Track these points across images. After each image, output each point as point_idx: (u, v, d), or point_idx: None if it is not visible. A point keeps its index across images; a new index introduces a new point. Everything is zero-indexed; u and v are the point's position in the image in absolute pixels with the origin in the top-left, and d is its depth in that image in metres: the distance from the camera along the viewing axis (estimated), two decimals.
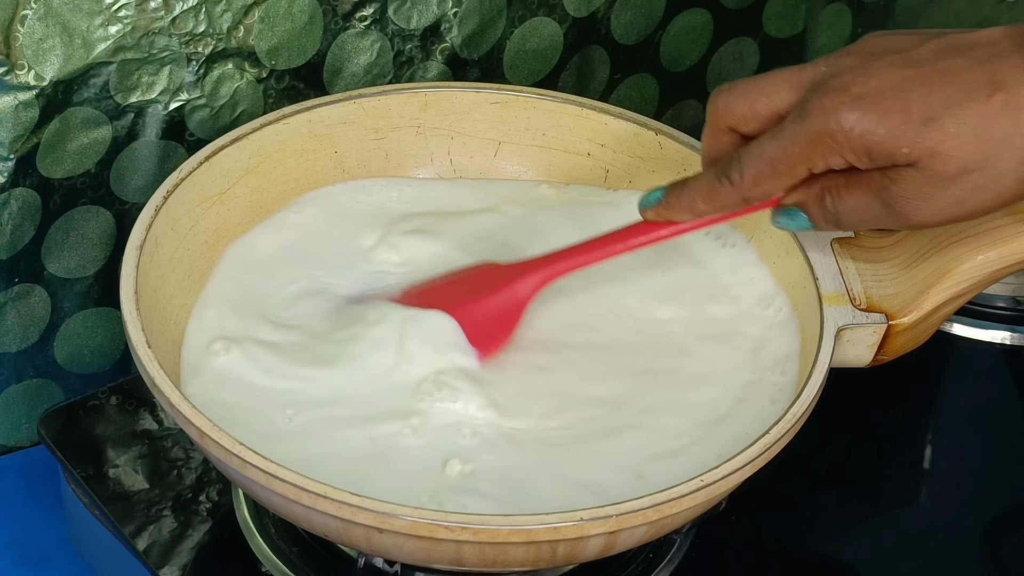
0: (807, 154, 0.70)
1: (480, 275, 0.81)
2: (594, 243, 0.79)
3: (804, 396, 0.74)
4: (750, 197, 0.73)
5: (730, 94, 0.74)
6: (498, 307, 0.80)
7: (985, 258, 0.78)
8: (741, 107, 0.74)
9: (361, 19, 0.91)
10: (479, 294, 0.80)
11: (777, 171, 0.71)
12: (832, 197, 0.72)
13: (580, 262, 0.79)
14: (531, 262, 0.80)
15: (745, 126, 0.74)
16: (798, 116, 0.70)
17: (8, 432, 0.92)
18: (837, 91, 0.69)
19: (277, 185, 0.86)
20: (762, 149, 0.72)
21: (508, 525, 0.68)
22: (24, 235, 0.87)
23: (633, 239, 0.78)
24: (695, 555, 0.81)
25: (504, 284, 0.80)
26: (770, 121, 0.73)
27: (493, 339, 0.80)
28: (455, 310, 0.79)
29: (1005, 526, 0.87)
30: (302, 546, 0.80)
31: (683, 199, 0.75)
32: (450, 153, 0.89)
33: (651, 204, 0.77)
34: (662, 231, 0.77)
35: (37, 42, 0.82)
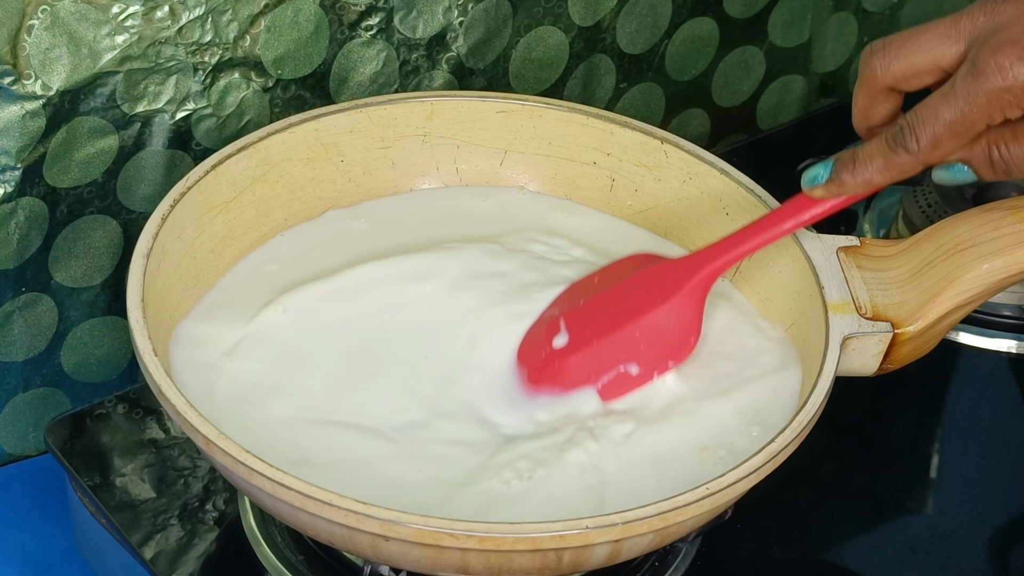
0: (986, 111, 0.70)
1: (648, 277, 0.79)
2: (761, 225, 0.78)
3: (810, 405, 0.74)
4: (929, 161, 0.72)
5: (886, 53, 0.73)
6: (678, 310, 0.78)
7: (991, 267, 0.78)
8: (900, 65, 0.72)
9: (367, 28, 0.92)
10: (655, 299, 0.78)
11: (956, 132, 0.71)
12: (1000, 148, 0.72)
13: (750, 247, 0.78)
14: (699, 255, 0.78)
15: (907, 84, 0.73)
16: (970, 75, 0.70)
17: (15, 441, 0.93)
18: (1010, 45, 0.68)
19: (283, 194, 0.86)
20: (936, 112, 0.71)
21: (514, 533, 0.68)
22: (31, 244, 0.87)
23: (802, 215, 0.77)
24: (701, 563, 0.81)
25: (679, 284, 0.78)
26: (933, 76, 0.72)
27: (683, 343, 0.78)
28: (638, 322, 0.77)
29: (1011, 535, 0.87)
30: (308, 554, 0.80)
31: (857, 173, 0.74)
32: (456, 162, 0.89)
33: (819, 181, 0.75)
34: (828, 204, 0.76)
35: (44, 52, 0.82)
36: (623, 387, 0.78)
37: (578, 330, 0.78)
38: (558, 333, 0.78)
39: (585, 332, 0.78)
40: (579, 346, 0.78)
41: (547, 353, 0.78)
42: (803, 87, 1.12)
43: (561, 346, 0.78)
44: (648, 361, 0.78)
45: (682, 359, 0.78)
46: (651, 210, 0.88)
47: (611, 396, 0.77)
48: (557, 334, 0.78)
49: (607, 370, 0.78)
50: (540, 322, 0.79)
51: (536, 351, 0.78)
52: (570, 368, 0.78)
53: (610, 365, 0.78)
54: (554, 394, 0.77)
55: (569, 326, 0.78)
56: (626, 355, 0.78)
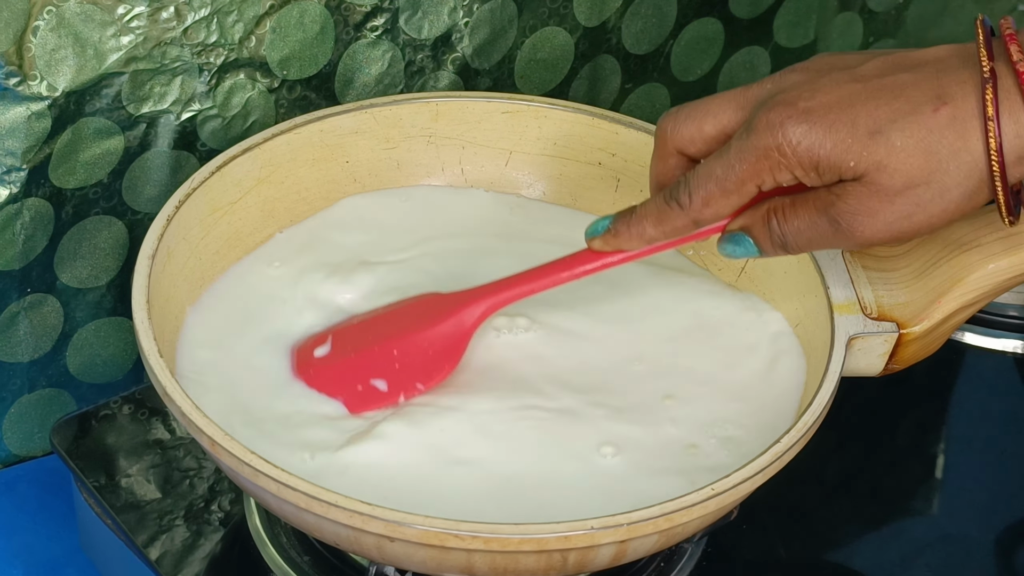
0: (755, 170, 0.70)
1: (423, 305, 0.80)
2: (540, 271, 0.78)
3: (815, 405, 0.74)
4: (700, 220, 0.73)
5: (676, 117, 0.74)
6: (443, 338, 0.78)
7: (996, 267, 0.78)
8: (688, 129, 0.73)
9: (372, 29, 0.92)
10: (422, 325, 0.79)
11: (726, 190, 0.71)
12: (778, 219, 0.72)
13: (526, 290, 0.78)
14: (475, 291, 0.79)
15: (693, 148, 0.74)
16: (745, 133, 0.70)
17: (21, 442, 0.93)
18: (783, 105, 0.69)
19: (289, 195, 0.86)
20: (710, 169, 0.71)
21: (519, 534, 0.68)
22: (37, 245, 0.87)
23: (580, 266, 0.77)
24: (706, 564, 0.81)
25: (448, 314, 0.79)
26: (717, 142, 0.73)
27: (438, 370, 0.78)
28: (397, 341, 0.78)
29: (1017, 535, 0.87)
30: (314, 555, 0.80)
31: (632, 226, 0.74)
32: (461, 163, 0.89)
33: (598, 233, 0.76)
34: (610, 258, 0.76)
35: (50, 53, 0.82)
36: (371, 403, 0.78)
37: (341, 344, 0.79)
38: (323, 344, 0.80)
39: (347, 347, 0.79)
40: (336, 358, 0.79)
41: (309, 359, 0.79)
42: None
43: (321, 356, 0.79)
44: (399, 381, 0.78)
45: (431, 385, 0.78)
46: None
47: (358, 409, 0.78)
48: (322, 345, 0.80)
49: (357, 383, 0.78)
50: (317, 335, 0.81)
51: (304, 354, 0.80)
52: (324, 376, 0.79)
53: (361, 379, 0.78)
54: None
55: (335, 340, 0.80)
56: (378, 371, 0.78)
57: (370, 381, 0.78)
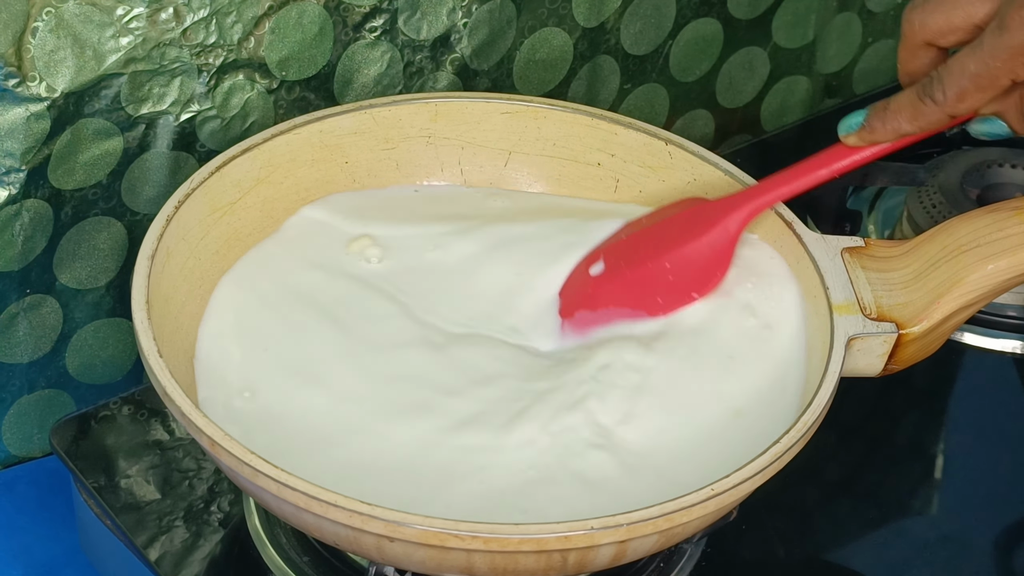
0: (1010, 66, 0.71)
1: (688, 215, 0.82)
2: (798, 169, 0.80)
3: (815, 405, 0.74)
4: (955, 114, 0.74)
5: (924, 9, 0.75)
6: (711, 245, 0.81)
7: (995, 267, 0.78)
8: (937, 21, 0.75)
9: (371, 30, 0.92)
10: (689, 236, 0.81)
11: (980, 86, 0.73)
12: None
13: (786, 191, 0.81)
14: (737, 196, 0.82)
15: (943, 40, 0.75)
16: (997, 29, 0.71)
17: (20, 442, 0.93)
18: None
19: (288, 195, 0.86)
20: (963, 65, 0.73)
21: (519, 534, 0.68)
22: (36, 246, 0.87)
23: (837, 162, 0.79)
24: (706, 564, 0.81)
25: (713, 222, 0.81)
26: (968, 33, 0.74)
27: (709, 277, 0.81)
28: (668, 254, 0.81)
29: (1017, 536, 0.87)
30: (313, 555, 0.80)
31: (887, 122, 0.76)
32: (460, 163, 0.89)
33: (853, 129, 0.78)
34: (864, 152, 0.79)
35: (49, 54, 0.82)
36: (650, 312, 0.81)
37: (614, 261, 0.82)
38: (596, 262, 0.82)
39: (620, 262, 0.82)
40: (612, 275, 0.82)
41: (582, 280, 0.82)
42: (807, 88, 1.12)
43: (597, 274, 0.82)
44: (674, 292, 0.81)
45: (706, 293, 0.81)
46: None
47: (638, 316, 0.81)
48: (595, 263, 0.82)
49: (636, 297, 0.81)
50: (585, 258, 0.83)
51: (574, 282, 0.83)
52: (600, 294, 0.81)
53: (637, 294, 0.81)
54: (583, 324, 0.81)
55: (607, 257, 0.82)
56: (655, 285, 0.81)
57: (647, 296, 0.81)
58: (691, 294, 0.81)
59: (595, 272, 0.82)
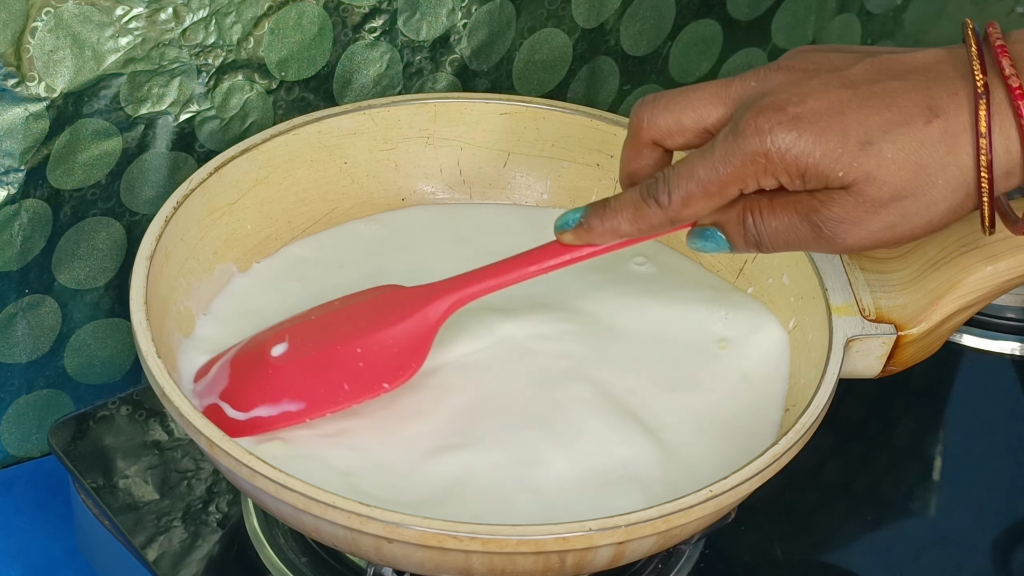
0: (740, 174, 0.69)
1: (385, 300, 0.78)
2: (508, 264, 0.76)
3: (813, 407, 0.74)
4: (677, 219, 0.71)
5: (655, 106, 0.72)
6: (408, 334, 0.76)
7: (994, 269, 0.78)
8: (667, 120, 0.72)
9: (371, 30, 0.92)
10: (386, 321, 0.77)
11: (708, 192, 0.69)
12: (755, 217, 0.70)
13: (493, 284, 0.76)
14: (440, 284, 0.77)
15: (670, 140, 0.72)
16: (731, 135, 0.69)
17: (18, 443, 0.93)
18: (773, 110, 0.68)
19: (287, 196, 0.86)
20: (692, 169, 0.70)
21: (517, 535, 0.68)
22: (34, 246, 0.87)
23: (549, 260, 0.75)
24: (704, 566, 0.81)
25: (413, 309, 0.77)
26: (697, 136, 0.71)
27: (403, 368, 0.76)
28: (361, 339, 0.76)
29: (1015, 537, 0.87)
30: (311, 556, 0.80)
31: (606, 221, 0.73)
32: (459, 164, 0.89)
33: (569, 226, 0.74)
34: (580, 252, 0.75)
35: (48, 54, 0.82)
36: (333, 403, 0.76)
37: (300, 341, 0.77)
38: (279, 342, 0.77)
39: (307, 344, 0.77)
40: (295, 356, 0.76)
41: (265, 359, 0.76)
42: None
43: (279, 354, 0.76)
44: (363, 380, 0.76)
45: (397, 384, 0.76)
46: None
47: (317, 412, 0.76)
48: (278, 343, 0.77)
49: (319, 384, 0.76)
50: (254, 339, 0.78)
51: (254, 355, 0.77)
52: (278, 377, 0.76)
53: (323, 380, 0.76)
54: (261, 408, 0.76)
55: (291, 337, 0.77)
56: (342, 371, 0.76)
57: (333, 381, 0.76)
58: (382, 384, 0.76)
59: (277, 352, 0.76)
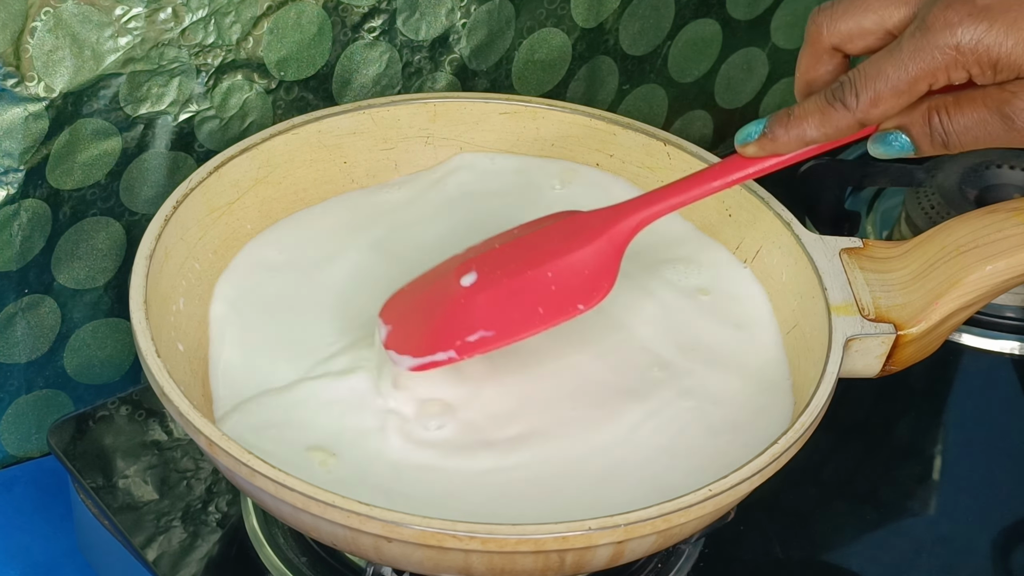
0: (930, 69, 0.68)
1: (569, 224, 0.77)
2: (691, 180, 0.76)
3: (812, 406, 0.74)
4: (867, 120, 0.70)
5: (833, 12, 0.72)
6: (596, 255, 0.75)
7: (994, 268, 0.78)
8: (848, 24, 0.71)
9: (370, 30, 0.92)
10: (574, 244, 0.76)
11: (898, 91, 0.69)
12: (941, 116, 0.70)
13: (677, 202, 0.76)
14: (625, 205, 0.77)
15: (851, 45, 0.72)
16: (919, 31, 0.68)
17: (18, 442, 0.93)
18: (961, 2, 0.67)
19: (286, 195, 0.86)
20: (879, 68, 0.69)
21: (516, 534, 0.68)
22: (34, 246, 0.87)
23: (733, 173, 0.75)
24: (704, 565, 0.81)
25: (599, 231, 0.76)
26: (879, 39, 0.71)
27: (596, 289, 0.75)
28: (552, 263, 0.75)
29: (1015, 537, 0.87)
30: (311, 555, 0.80)
31: (791, 128, 0.72)
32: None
33: (752, 138, 0.73)
34: (764, 163, 0.74)
35: (47, 54, 0.82)
36: (530, 327, 0.75)
37: (488, 270, 0.76)
38: (467, 272, 0.76)
39: (496, 272, 0.76)
40: (488, 284, 0.75)
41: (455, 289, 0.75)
42: None
43: (469, 284, 0.76)
44: (557, 303, 0.75)
45: (592, 305, 0.75)
46: None
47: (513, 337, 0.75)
48: (466, 273, 0.76)
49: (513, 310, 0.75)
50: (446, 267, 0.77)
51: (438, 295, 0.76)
52: (473, 305, 0.75)
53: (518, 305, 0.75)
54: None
55: (479, 267, 0.76)
56: (537, 295, 0.75)
57: (528, 306, 0.75)
58: (576, 305, 0.75)
59: (467, 283, 0.75)
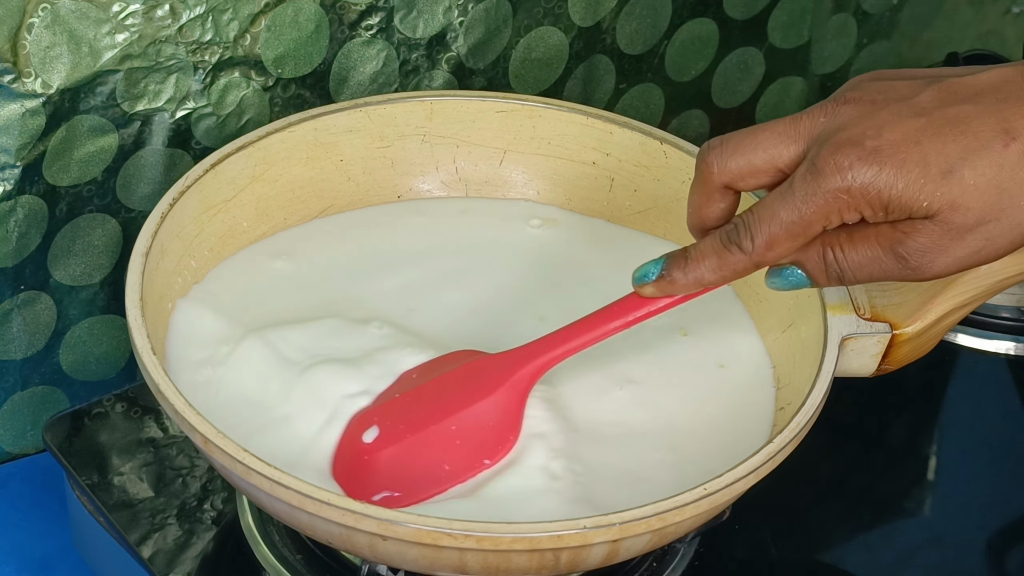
0: (823, 212, 0.68)
1: (468, 371, 0.76)
2: (589, 322, 0.75)
3: (808, 405, 0.74)
4: (762, 262, 0.71)
5: (723, 150, 0.71)
6: (498, 406, 0.75)
7: (989, 268, 0.78)
8: (738, 163, 0.71)
9: (367, 28, 0.92)
10: (476, 394, 0.75)
11: (792, 234, 0.69)
12: (835, 253, 0.70)
13: (577, 345, 0.75)
14: (523, 350, 0.76)
15: (743, 183, 0.71)
16: (809, 174, 0.68)
17: (13, 439, 0.93)
18: (850, 145, 0.67)
19: (283, 193, 0.86)
20: (773, 211, 0.69)
21: (511, 533, 0.68)
22: (30, 242, 0.87)
23: (631, 313, 0.74)
24: (699, 564, 0.81)
25: (500, 379, 0.75)
26: (770, 176, 0.71)
27: (501, 441, 0.75)
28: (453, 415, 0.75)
29: (1010, 537, 0.87)
30: (306, 553, 0.80)
31: (689, 272, 0.72)
32: (455, 161, 0.89)
33: (649, 278, 0.73)
34: (660, 303, 0.74)
35: (44, 50, 0.82)
36: (436, 486, 0.74)
37: (390, 423, 0.75)
38: (369, 427, 0.75)
39: (399, 425, 0.75)
40: (391, 440, 0.74)
41: (357, 446, 0.75)
42: (802, 88, 1.12)
43: (371, 440, 0.75)
44: (463, 458, 0.75)
45: (499, 459, 0.75)
46: (650, 211, 0.88)
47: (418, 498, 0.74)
48: (367, 428, 0.75)
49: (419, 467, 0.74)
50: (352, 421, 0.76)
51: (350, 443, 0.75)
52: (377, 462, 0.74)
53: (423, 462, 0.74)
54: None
55: (380, 420, 0.75)
56: (441, 451, 0.74)
57: (433, 463, 0.74)
58: (483, 460, 0.74)
59: (369, 439, 0.74)
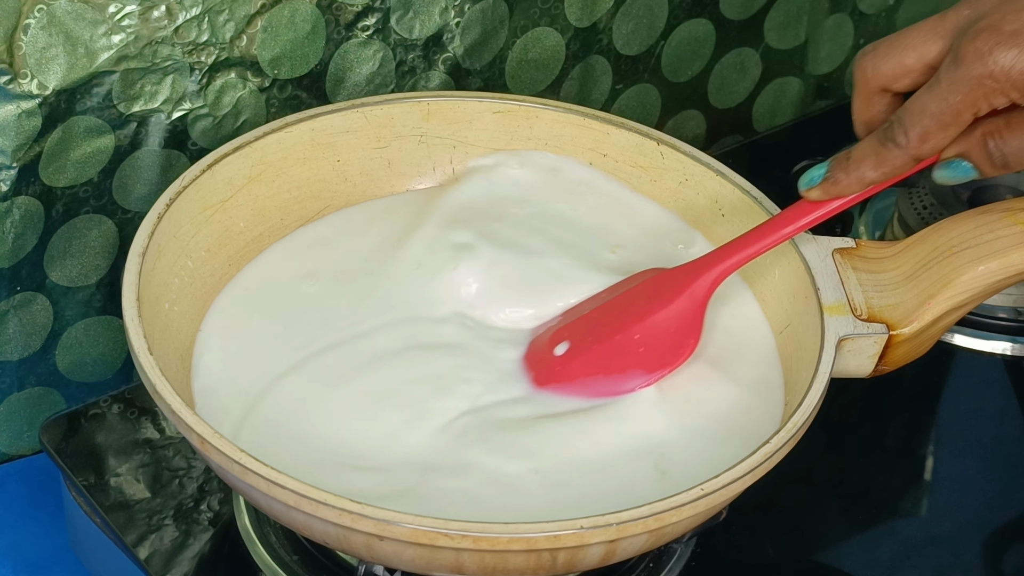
0: (970, 99, 0.70)
1: (650, 285, 0.80)
2: (763, 230, 0.79)
3: (804, 406, 0.74)
4: (919, 156, 0.73)
5: (875, 55, 0.74)
6: (679, 313, 0.78)
7: (986, 269, 0.78)
8: (890, 65, 0.74)
9: (364, 29, 0.92)
10: (657, 304, 0.79)
11: (943, 124, 0.71)
12: (996, 140, 0.72)
13: (752, 252, 0.79)
14: (702, 260, 0.79)
15: (897, 84, 0.74)
16: (952, 64, 0.70)
17: (10, 440, 0.93)
18: (989, 31, 0.69)
19: (280, 193, 0.86)
20: (922, 104, 0.72)
21: (508, 533, 0.68)
22: (26, 244, 0.87)
23: (802, 218, 0.78)
24: (695, 564, 0.81)
25: (680, 289, 0.79)
26: (923, 74, 0.73)
27: (682, 346, 0.79)
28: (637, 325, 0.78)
29: (1006, 537, 0.87)
30: (303, 554, 0.80)
31: (851, 172, 0.75)
32: (452, 162, 0.89)
33: (815, 183, 0.76)
34: (829, 206, 0.77)
35: (40, 51, 0.82)
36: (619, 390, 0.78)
37: (580, 337, 0.79)
38: (560, 342, 0.79)
39: (587, 339, 0.79)
40: (579, 352, 0.79)
41: (550, 359, 0.79)
42: (799, 89, 1.12)
43: (562, 353, 0.79)
44: (647, 364, 0.78)
45: (679, 363, 0.79)
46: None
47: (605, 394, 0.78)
48: (559, 343, 0.79)
49: (606, 373, 0.79)
50: (546, 331, 0.81)
51: (541, 356, 0.80)
52: (570, 371, 0.79)
53: (608, 369, 0.78)
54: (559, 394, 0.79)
55: (571, 335, 0.79)
56: (626, 359, 0.78)
57: (618, 369, 0.78)
58: (665, 365, 0.78)
59: (560, 352, 0.79)
